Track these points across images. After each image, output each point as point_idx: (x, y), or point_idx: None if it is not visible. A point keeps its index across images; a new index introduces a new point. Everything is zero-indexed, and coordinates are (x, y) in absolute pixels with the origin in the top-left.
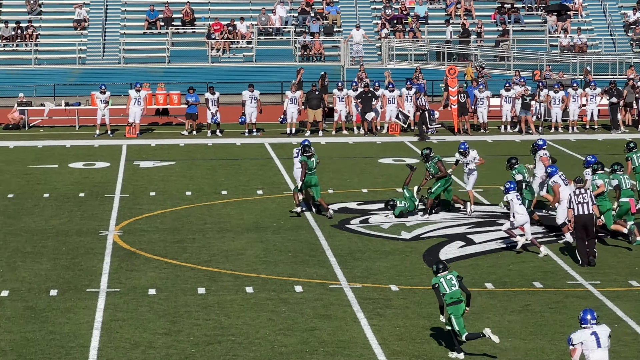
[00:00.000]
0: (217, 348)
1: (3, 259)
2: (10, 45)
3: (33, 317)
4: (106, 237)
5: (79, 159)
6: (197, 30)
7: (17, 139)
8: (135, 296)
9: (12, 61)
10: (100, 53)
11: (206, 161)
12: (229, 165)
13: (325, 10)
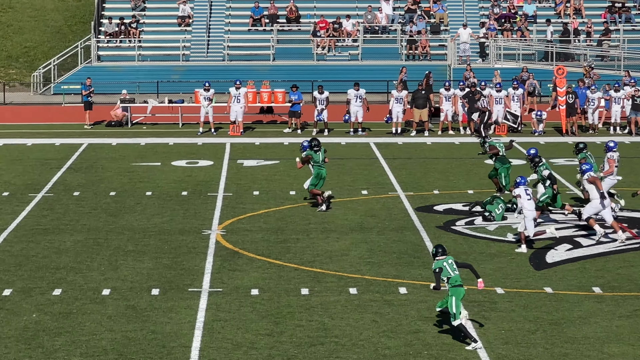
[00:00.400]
0: (319, 349)
1: (105, 257)
2: (113, 41)
3: (134, 316)
4: (209, 237)
5: (182, 156)
6: (302, 27)
7: (119, 136)
8: (237, 296)
9: (116, 57)
10: (205, 50)
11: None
12: (333, 165)
13: (432, 8)
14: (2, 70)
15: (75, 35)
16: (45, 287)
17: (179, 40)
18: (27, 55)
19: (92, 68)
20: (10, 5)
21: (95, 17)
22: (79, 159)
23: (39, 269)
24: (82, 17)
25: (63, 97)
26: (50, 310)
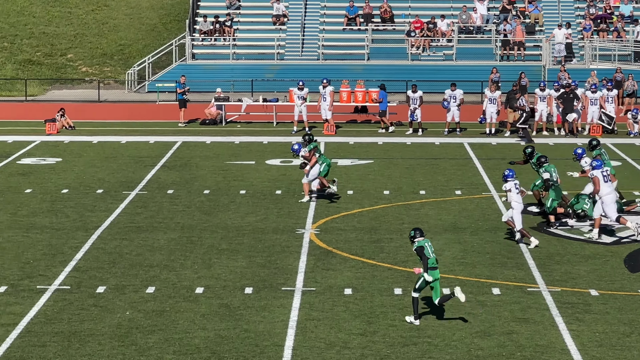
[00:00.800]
0: (412, 350)
1: (198, 255)
2: (208, 39)
3: (228, 314)
4: (302, 236)
5: (276, 155)
6: (397, 27)
7: (214, 134)
8: (331, 295)
9: (210, 56)
10: (299, 49)
11: (404, 160)
12: (427, 165)
13: (527, 8)
14: (97, 67)
15: (170, 33)
16: (138, 285)
17: (274, 39)
18: (122, 53)
19: (186, 66)
20: (106, 3)
21: (190, 15)
22: (173, 157)
23: (133, 267)
24: (177, 15)
25: (157, 95)
26: (143, 308)
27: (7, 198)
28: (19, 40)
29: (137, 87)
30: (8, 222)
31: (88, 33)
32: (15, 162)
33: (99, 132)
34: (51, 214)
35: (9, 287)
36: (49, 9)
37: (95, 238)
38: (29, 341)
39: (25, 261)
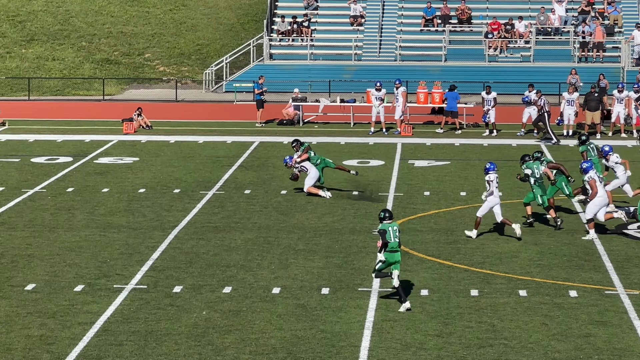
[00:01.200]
0: (489, 351)
1: (275, 255)
2: (286, 40)
3: (304, 315)
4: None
5: (353, 156)
6: (474, 28)
7: (291, 134)
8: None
9: (288, 56)
10: (377, 50)
11: (481, 161)
12: (504, 166)
13: (606, 9)
14: (175, 67)
15: (248, 34)
16: (215, 285)
17: (351, 40)
18: (200, 53)
19: (264, 66)
20: (184, 3)
21: (268, 15)
22: (250, 157)
23: (210, 267)
24: (254, 15)
25: (235, 94)
26: (220, 307)
27: (84, 197)
28: (97, 40)
29: (214, 87)
30: (85, 221)
31: (166, 32)
32: (92, 161)
33: (176, 131)
34: (128, 214)
35: (86, 286)
36: (127, 9)
37: (172, 238)
38: (106, 340)
39: (103, 260)
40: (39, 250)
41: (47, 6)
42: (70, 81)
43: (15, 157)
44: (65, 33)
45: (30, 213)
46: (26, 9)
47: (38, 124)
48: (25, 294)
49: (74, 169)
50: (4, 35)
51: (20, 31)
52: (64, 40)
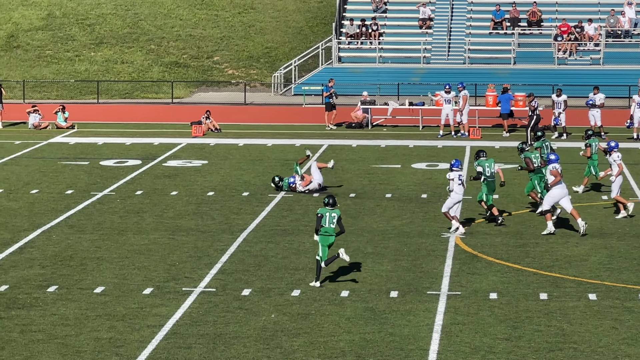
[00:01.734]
0: (558, 355)
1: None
2: (354, 43)
3: (373, 318)
4: (448, 240)
5: (422, 159)
6: (543, 31)
7: (360, 137)
8: (476, 300)
9: (357, 59)
10: (445, 53)
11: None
12: (573, 169)
13: None
14: (243, 70)
15: (317, 37)
16: (284, 288)
17: (420, 43)
18: (268, 56)
19: (332, 69)
20: (252, 6)
21: (337, 18)
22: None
23: (278, 270)
24: (323, 19)
25: (303, 97)
26: (288, 310)
27: (153, 200)
28: (165, 43)
29: (283, 90)
30: (154, 224)
31: (234, 36)
32: (161, 164)
33: (244, 134)
34: (197, 217)
35: (155, 289)
36: (196, 12)
37: (240, 241)
38: (175, 343)
39: (171, 263)
40: (107, 253)
41: (116, 9)
42: (139, 84)
43: (85, 160)
44: (134, 36)
45: (99, 216)
46: (95, 12)
47: (107, 127)
48: (94, 296)
49: (142, 172)
50: (73, 38)
51: (89, 34)
52: (133, 44)
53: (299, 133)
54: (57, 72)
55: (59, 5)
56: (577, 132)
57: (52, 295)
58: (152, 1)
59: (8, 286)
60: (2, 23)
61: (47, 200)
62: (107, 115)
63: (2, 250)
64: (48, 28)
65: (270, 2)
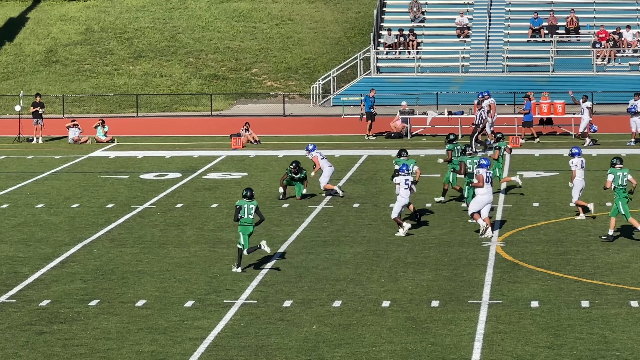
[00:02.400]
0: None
1: (385, 269)
2: (393, 52)
3: (414, 328)
4: (488, 248)
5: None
6: (581, 38)
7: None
8: (517, 308)
9: (395, 69)
10: (484, 61)
11: (590, 172)
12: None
13: None
14: (282, 82)
15: (355, 47)
16: (325, 299)
17: (458, 52)
18: (307, 67)
19: (371, 80)
20: (290, 18)
21: (375, 28)
22: (359, 170)
23: (319, 281)
24: (361, 29)
25: (342, 108)
26: (330, 321)
27: (193, 213)
28: (204, 56)
29: (322, 101)
30: (195, 236)
31: (272, 47)
32: (201, 177)
33: (284, 146)
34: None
35: (197, 302)
36: (234, 24)
37: (281, 252)
38: (217, 355)
39: (212, 276)
40: (149, 266)
41: (154, 23)
42: (178, 97)
43: (125, 173)
44: (172, 49)
45: (140, 229)
46: (133, 26)
47: (146, 140)
48: (136, 310)
49: (182, 185)
50: (112, 52)
51: (127, 48)
52: (171, 57)
53: (338, 144)
54: (96, 86)
55: (97, 19)
56: (616, 139)
57: (93, 309)
58: (189, 14)
59: (50, 301)
60: (40, 38)
61: (88, 215)
62: (147, 128)
63: (44, 264)
64: (86, 42)
65: (308, 14)
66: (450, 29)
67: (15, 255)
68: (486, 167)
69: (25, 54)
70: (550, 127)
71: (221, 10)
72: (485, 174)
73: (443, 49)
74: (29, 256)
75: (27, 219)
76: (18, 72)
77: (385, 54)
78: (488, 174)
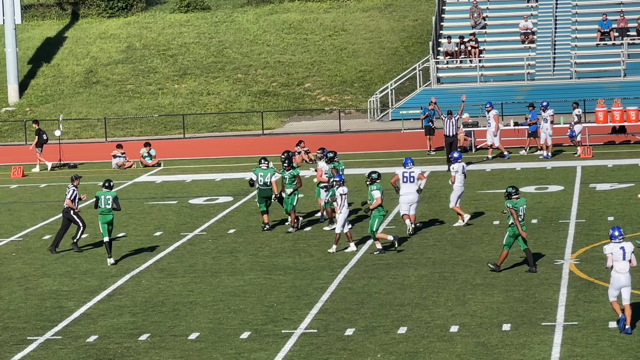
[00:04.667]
0: None
1: (452, 291)
2: (453, 62)
3: (485, 353)
4: (561, 267)
5: (530, 182)
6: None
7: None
8: (594, 329)
9: (456, 79)
10: (550, 68)
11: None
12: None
13: None
14: (337, 96)
15: (413, 57)
16: (389, 326)
17: (523, 59)
18: (363, 80)
19: (431, 91)
20: (344, 28)
21: (434, 37)
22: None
23: (383, 307)
24: (419, 38)
25: (402, 122)
26: (395, 349)
27: (247, 238)
28: (253, 71)
29: (380, 116)
30: (249, 263)
31: (326, 60)
32: (253, 200)
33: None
34: (294, 254)
35: (253, 333)
36: (284, 37)
37: (341, 277)
38: None
39: (269, 304)
40: (201, 296)
41: (199, 38)
42: (227, 116)
43: (173, 199)
44: (219, 65)
45: (190, 258)
46: (177, 42)
47: (195, 163)
48: (188, 343)
49: (234, 209)
50: (156, 70)
51: (172, 66)
52: (219, 73)
53: (399, 160)
54: (140, 107)
55: (139, 36)
56: None
57: (144, 344)
58: (237, 28)
59: (97, 336)
60: (80, 58)
61: (135, 243)
62: (195, 150)
63: (90, 298)
64: (128, 61)
65: (363, 23)
66: (514, 34)
67: (60, 289)
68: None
69: (64, 75)
70: (623, 135)
71: (270, 22)
72: (402, 173)
73: (507, 56)
74: (74, 289)
75: (71, 250)
76: (57, 95)
77: (445, 63)
78: (406, 173)
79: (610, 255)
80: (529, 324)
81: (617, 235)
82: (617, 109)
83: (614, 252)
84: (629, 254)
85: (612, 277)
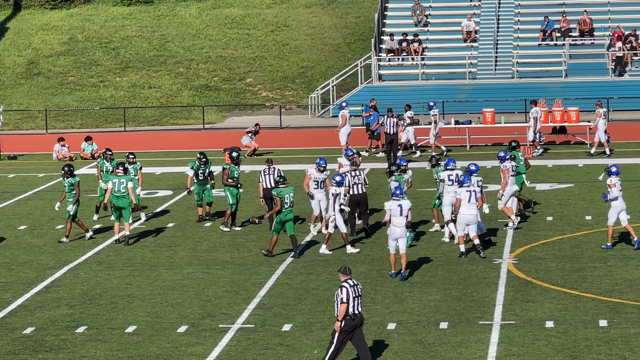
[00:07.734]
0: None
1: (390, 289)
2: (395, 59)
3: (422, 351)
4: (500, 266)
5: None
6: (596, 41)
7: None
8: (531, 329)
9: (398, 76)
10: (492, 67)
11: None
12: (631, 187)
13: None
14: (278, 92)
15: (355, 54)
16: (326, 322)
17: (465, 57)
18: (304, 76)
19: (372, 88)
20: (286, 24)
21: (376, 33)
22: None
23: (320, 303)
24: (361, 35)
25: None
26: None
27: (186, 233)
28: (195, 65)
29: (321, 112)
30: (188, 257)
31: (268, 55)
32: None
33: (281, 160)
34: (232, 249)
35: (190, 327)
36: (226, 32)
37: (279, 273)
38: None
39: (207, 299)
40: (139, 290)
41: (142, 31)
42: (168, 110)
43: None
44: (161, 59)
45: (129, 251)
46: (119, 35)
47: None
48: (125, 336)
49: (174, 203)
50: (98, 63)
51: (114, 58)
52: (160, 67)
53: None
54: (81, 100)
55: (81, 28)
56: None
57: (81, 336)
58: (179, 21)
59: (34, 328)
60: (21, 49)
61: (74, 236)
62: (135, 143)
63: (28, 290)
64: (70, 53)
65: (305, 19)
66: (457, 33)
67: None
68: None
69: (5, 66)
70: (564, 136)
71: (212, 17)
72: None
73: (449, 55)
74: (12, 281)
75: (9, 241)
76: None
77: (387, 61)
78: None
79: (389, 211)
80: (466, 322)
81: (398, 194)
82: (558, 109)
83: (392, 209)
84: (406, 211)
85: (390, 229)
